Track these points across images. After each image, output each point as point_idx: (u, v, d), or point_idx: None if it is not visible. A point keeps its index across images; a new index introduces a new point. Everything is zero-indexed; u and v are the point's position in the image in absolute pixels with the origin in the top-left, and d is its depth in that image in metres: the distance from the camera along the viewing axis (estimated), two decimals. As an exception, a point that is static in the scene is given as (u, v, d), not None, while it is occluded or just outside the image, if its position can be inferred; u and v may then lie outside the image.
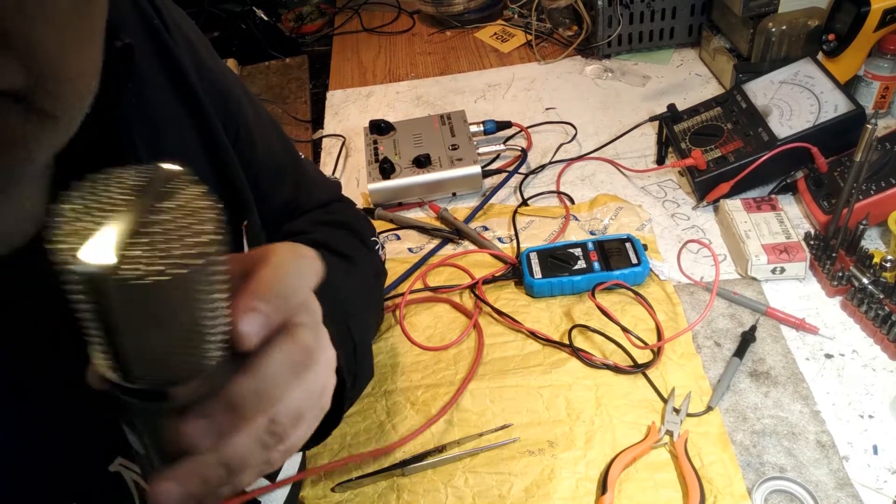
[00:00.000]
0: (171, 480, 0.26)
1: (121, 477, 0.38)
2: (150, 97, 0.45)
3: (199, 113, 0.49)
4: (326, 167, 1.11)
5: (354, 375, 0.52)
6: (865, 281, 0.75)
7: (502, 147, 1.05)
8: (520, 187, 0.99)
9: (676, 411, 0.68)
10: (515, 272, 0.84)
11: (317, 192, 0.68)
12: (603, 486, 0.62)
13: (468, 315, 0.81)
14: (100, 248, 0.21)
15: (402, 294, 0.83)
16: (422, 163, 0.97)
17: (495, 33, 1.41)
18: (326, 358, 0.31)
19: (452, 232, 0.93)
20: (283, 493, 0.55)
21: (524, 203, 0.96)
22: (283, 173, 0.63)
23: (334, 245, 0.60)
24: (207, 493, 0.27)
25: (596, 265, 0.81)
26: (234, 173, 0.52)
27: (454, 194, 1.00)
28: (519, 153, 1.04)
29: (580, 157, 1.04)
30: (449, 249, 0.91)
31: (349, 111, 1.25)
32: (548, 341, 0.76)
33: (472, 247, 0.91)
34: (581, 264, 0.81)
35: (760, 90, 0.95)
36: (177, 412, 0.26)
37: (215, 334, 0.26)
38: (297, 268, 0.29)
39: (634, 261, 0.80)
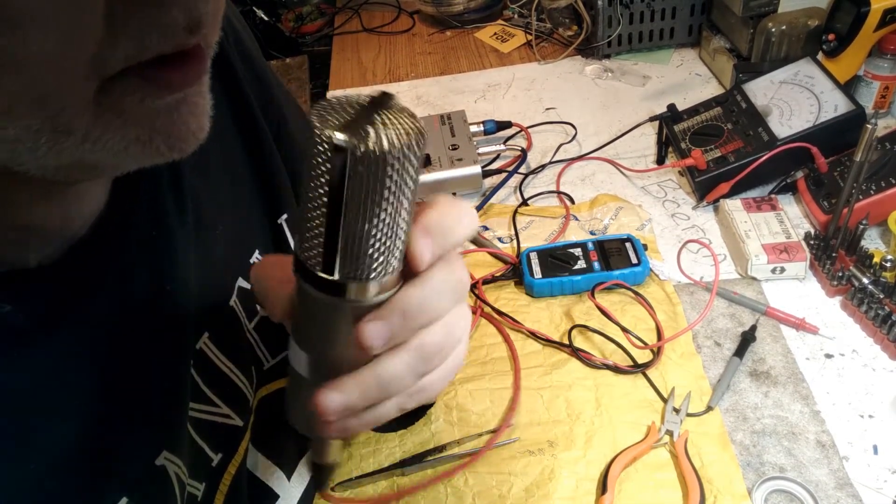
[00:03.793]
0: (336, 391, 0.30)
1: (165, 471, 0.38)
2: None
3: (240, 102, 0.48)
4: (326, 167, 1.11)
5: None
6: (865, 281, 0.75)
7: (502, 147, 1.05)
8: (520, 187, 0.99)
9: (676, 411, 0.68)
10: (515, 272, 0.84)
11: None
12: (603, 486, 0.62)
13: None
14: (354, 128, 0.25)
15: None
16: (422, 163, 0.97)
17: (495, 33, 1.41)
18: (469, 310, 0.34)
19: (452, 232, 0.93)
20: (299, 491, 0.55)
21: (524, 203, 0.96)
22: None
23: None
24: (363, 405, 0.31)
25: (596, 265, 0.81)
26: (274, 166, 0.51)
27: (454, 194, 1.00)
28: (519, 153, 1.04)
29: (580, 157, 1.04)
30: (449, 249, 0.91)
31: (349, 111, 1.25)
32: (548, 341, 0.76)
33: (472, 247, 0.91)
34: (581, 264, 0.81)
35: (760, 90, 0.95)
36: (354, 319, 0.29)
37: (403, 242, 0.29)
38: (458, 213, 0.32)
39: (634, 261, 0.80)
